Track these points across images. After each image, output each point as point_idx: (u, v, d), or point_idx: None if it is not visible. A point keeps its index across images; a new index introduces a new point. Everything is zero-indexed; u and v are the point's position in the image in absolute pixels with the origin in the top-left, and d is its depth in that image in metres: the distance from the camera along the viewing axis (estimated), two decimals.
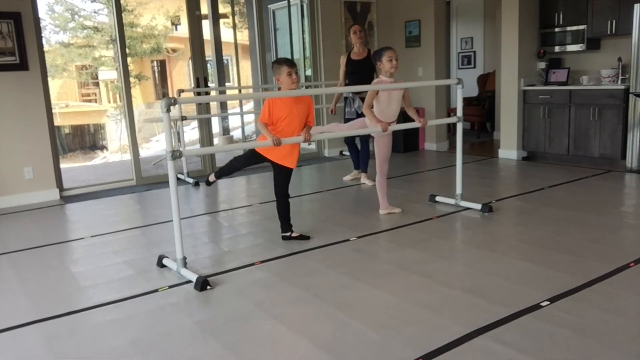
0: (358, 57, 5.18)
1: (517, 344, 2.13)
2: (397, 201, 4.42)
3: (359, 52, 5.18)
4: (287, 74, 3.37)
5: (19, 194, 5.19)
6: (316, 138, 3.92)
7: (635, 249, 3.16)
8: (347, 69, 5.19)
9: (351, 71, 5.17)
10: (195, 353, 2.21)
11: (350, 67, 5.18)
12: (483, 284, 2.76)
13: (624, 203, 4.37)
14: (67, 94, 13.89)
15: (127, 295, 2.85)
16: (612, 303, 2.47)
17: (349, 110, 5.11)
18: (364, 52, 5.19)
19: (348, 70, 5.19)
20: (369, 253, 3.35)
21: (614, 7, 5.54)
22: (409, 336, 2.25)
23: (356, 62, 5.16)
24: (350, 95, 5.06)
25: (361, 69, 5.10)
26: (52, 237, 4.05)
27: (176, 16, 13.31)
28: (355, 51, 5.21)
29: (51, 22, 12.16)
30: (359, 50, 5.18)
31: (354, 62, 5.17)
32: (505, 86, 6.36)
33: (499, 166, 6.07)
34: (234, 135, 9.63)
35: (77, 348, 2.31)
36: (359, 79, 5.01)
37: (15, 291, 2.99)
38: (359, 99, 4.96)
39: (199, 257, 3.42)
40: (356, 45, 5.17)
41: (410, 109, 4.12)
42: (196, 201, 5.10)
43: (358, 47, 5.17)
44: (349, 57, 5.22)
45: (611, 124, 5.53)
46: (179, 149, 2.90)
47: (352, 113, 5.04)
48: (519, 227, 3.79)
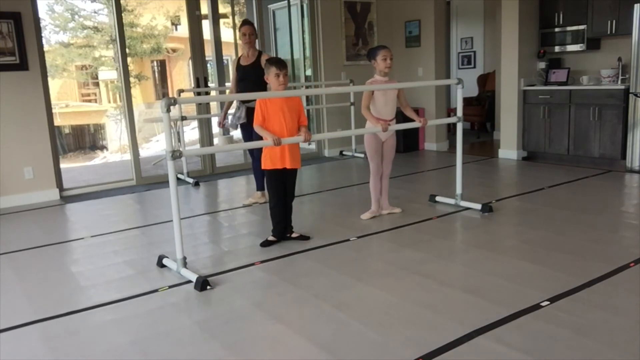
0: (246, 62, 4.51)
1: (517, 344, 2.13)
2: (397, 201, 4.42)
3: (248, 57, 4.52)
4: (274, 75, 3.40)
5: (19, 194, 5.19)
6: (316, 138, 3.92)
7: (635, 249, 3.16)
8: (237, 75, 4.58)
9: (240, 78, 4.55)
10: (195, 353, 2.21)
11: (239, 73, 4.55)
12: (483, 284, 2.76)
13: (624, 203, 4.37)
14: (67, 94, 13.89)
15: (127, 295, 2.85)
16: (612, 303, 2.47)
17: (227, 122, 4.61)
18: (254, 56, 4.51)
19: (237, 77, 4.58)
20: (369, 253, 3.35)
21: (614, 7, 5.54)
22: (409, 336, 2.25)
23: (244, 68, 4.50)
24: (237, 104, 4.54)
25: (249, 76, 4.46)
26: (52, 237, 4.04)
27: (176, 16, 13.31)
28: (244, 55, 4.55)
29: (51, 22, 12.16)
30: (247, 54, 4.52)
31: (242, 68, 4.52)
32: (505, 86, 6.36)
33: (499, 166, 6.07)
34: (234, 135, 9.62)
35: (77, 348, 2.31)
36: (246, 87, 4.40)
37: (15, 291, 2.99)
38: (244, 108, 4.45)
39: (199, 257, 3.42)
40: (244, 49, 4.54)
41: (407, 109, 4.09)
42: (196, 201, 5.10)
43: (247, 51, 4.51)
44: (238, 62, 4.59)
45: (611, 124, 5.53)
46: (179, 149, 2.90)
47: (233, 125, 4.58)
48: (519, 227, 3.79)
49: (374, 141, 4.01)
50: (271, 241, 3.59)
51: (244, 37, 4.47)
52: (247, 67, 4.48)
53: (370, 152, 4.04)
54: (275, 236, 3.60)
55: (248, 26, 4.49)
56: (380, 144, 4.04)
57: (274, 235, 3.60)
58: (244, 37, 4.47)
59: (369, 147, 4.03)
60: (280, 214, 3.58)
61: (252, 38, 4.47)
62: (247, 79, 4.46)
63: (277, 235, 3.60)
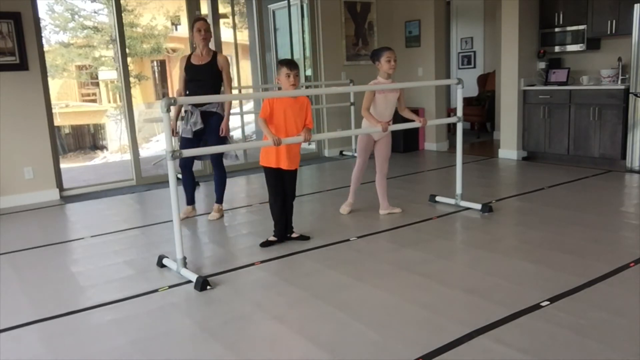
0: (200, 61, 4.11)
1: (517, 344, 2.13)
2: (397, 201, 4.42)
3: (202, 56, 4.11)
4: (285, 76, 3.39)
5: (19, 194, 5.19)
6: (316, 138, 3.92)
7: (635, 249, 3.16)
8: (186, 76, 4.14)
9: (190, 78, 4.11)
10: (195, 353, 2.21)
11: (189, 73, 4.12)
12: (483, 284, 2.76)
13: (624, 203, 4.37)
14: (67, 94, 13.89)
15: (127, 295, 2.85)
16: (612, 303, 2.47)
17: (184, 128, 4.13)
18: (209, 56, 4.12)
19: (187, 77, 4.14)
20: (369, 253, 3.35)
21: (614, 7, 5.54)
22: (409, 336, 2.25)
23: (197, 67, 4.10)
24: (190, 108, 4.08)
25: (204, 76, 4.08)
26: (52, 237, 4.04)
27: (176, 16, 13.30)
28: (196, 53, 4.13)
29: (51, 22, 12.15)
30: (201, 52, 4.11)
31: (194, 68, 4.10)
32: (505, 86, 6.36)
33: (499, 166, 6.07)
34: (234, 135, 9.62)
35: (77, 348, 2.31)
36: (199, 89, 4.01)
37: (15, 291, 2.99)
38: (198, 112, 4.06)
39: (199, 257, 3.42)
40: (199, 47, 4.11)
41: (405, 111, 4.10)
42: (196, 201, 5.10)
43: (201, 49, 4.10)
44: (188, 61, 4.14)
45: (611, 124, 5.53)
46: (178, 149, 2.90)
47: (188, 131, 4.09)
48: (519, 227, 3.79)
49: (365, 138, 4.09)
50: (271, 241, 3.58)
51: (200, 33, 4.05)
52: (202, 67, 4.09)
53: (359, 147, 4.15)
54: (276, 236, 3.60)
55: (204, 22, 4.12)
56: (372, 143, 4.10)
57: (274, 236, 3.60)
58: (200, 33, 4.05)
59: (359, 142, 4.14)
60: (279, 211, 3.57)
61: (207, 35, 4.11)
62: (201, 79, 4.07)
63: (278, 235, 3.60)
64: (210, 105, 4.06)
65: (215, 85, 4.11)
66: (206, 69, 4.09)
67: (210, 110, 4.08)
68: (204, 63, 4.10)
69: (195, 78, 4.10)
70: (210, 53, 4.15)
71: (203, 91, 3.96)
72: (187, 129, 4.10)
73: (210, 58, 4.11)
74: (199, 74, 4.09)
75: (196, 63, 4.11)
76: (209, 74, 4.09)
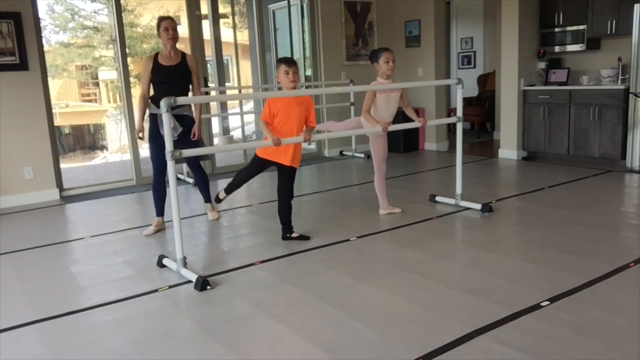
0: (169, 62, 3.89)
1: (517, 344, 2.13)
2: (397, 201, 4.42)
3: (170, 56, 3.90)
4: (284, 73, 3.40)
5: (19, 194, 5.19)
6: (316, 138, 3.92)
7: (635, 249, 3.16)
8: (153, 78, 3.89)
9: (159, 80, 3.87)
10: (195, 353, 2.21)
11: (157, 75, 3.87)
12: (483, 284, 2.76)
13: (624, 203, 4.37)
14: (67, 94, 13.89)
15: (127, 295, 2.85)
16: (612, 303, 2.47)
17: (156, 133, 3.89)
18: (177, 56, 3.93)
19: (154, 79, 3.88)
20: (369, 253, 3.35)
21: (614, 7, 5.54)
22: (409, 336, 2.25)
23: (167, 69, 3.87)
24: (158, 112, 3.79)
25: (175, 78, 3.88)
26: (52, 237, 4.05)
27: (176, 16, 13.28)
28: (164, 54, 3.90)
29: (51, 22, 12.15)
30: (169, 53, 3.89)
31: (164, 69, 3.87)
32: (505, 86, 6.36)
33: (499, 166, 6.07)
34: (234, 135, 9.62)
35: (77, 348, 2.31)
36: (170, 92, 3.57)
37: (15, 291, 2.99)
38: (172, 118, 3.77)
39: (199, 257, 3.42)
40: (166, 47, 3.88)
41: (408, 109, 4.12)
42: (196, 201, 5.10)
43: (169, 50, 3.89)
44: (155, 62, 3.89)
45: (611, 124, 5.53)
46: (178, 149, 2.90)
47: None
48: (519, 227, 3.79)
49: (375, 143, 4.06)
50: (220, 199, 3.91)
51: (167, 33, 3.83)
52: (173, 68, 3.88)
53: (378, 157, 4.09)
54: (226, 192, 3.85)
55: (171, 21, 3.90)
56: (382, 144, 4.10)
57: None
58: (167, 33, 3.83)
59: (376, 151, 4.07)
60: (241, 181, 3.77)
61: (175, 34, 3.89)
62: (172, 81, 3.86)
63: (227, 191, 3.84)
64: (182, 109, 3.91)
65: (186, 87, 3.97)
66: (177, 70, 3.90)
67: (182, 114, 3.95)
68: (174, 64, 3.91)
69: (165, 80, 3.87)
70: (178, 53, 3.96)
71: (174, 93, 3.71)
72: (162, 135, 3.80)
73: (179, 59, 3.94)
74: (170, 76, 3.87)
75: (166, 64, 3.89)
76: (181, 75, 3.92)
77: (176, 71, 3.90)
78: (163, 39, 3.88)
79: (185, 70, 3.94)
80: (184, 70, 3.93)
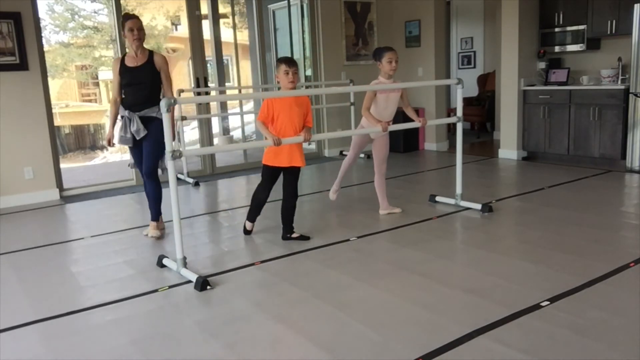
0: (135, 63, 3.71)
1: (517, 344, 2.13)
2: (397, 201, 4.42)
3: (137, 57, 3.71)
4: (283, 73, 3.40)
5: (19, 194, 5.19)
6: (316, 138, 3.93)
7: (635, 249, 3.16)
8: (121, 80, 3.74)
9: (127, 82, 3.71)
10: (195, 353, 2.21)
11: (125, 76, 3.71)
12: (483, 284, 2.76)
13: (624, 203, 4.37)
14: (67, 94, 13.89)
15: (127, 295, 2.85)
16: (612, 303, 2.47)
17: (123, 136, 3.73)
18: (144, 56, 3.73)
19: (122, 82, 3.74)
20: (369, 253, 3.35)
21: (614, 7, 5.54)
22: (409, 336, 2.25)
23: (134, 70, 3.69)
24: (127, 114, 3.69)
25: (142, 79, 3.69)
26: (52, 237, 4.05)
27: (176, 16, 13.30)
28: (130, 55, 3.73)
29: (51, 22, 12.15)
30: (136, 53, 3.70)
31: (130, 71, 3.69)
32: (505, 86, 6.36)
33: (499, 166, 6.07)
34: (234, 135, 9.63)
35: (77, 348, 2.31)
36: (139, 93, 3.69)
37: (15, 291, 2.99)
38: (137, 118, 3.67)
39: (199, 257, 3.42)
40: (132, 47, 3.69)
41: (408, 109, 4.12)
42: (196, 201, 5.10)
43: (135, 50, 3.69)
44: (122, 64, 3.73)
45: (611, 124, 5.53)
46: (179, 149, 2.90)
47: (128, 140, 3.72)
48: (519, 227, 3.79)
49: (361, 136, 4.16)
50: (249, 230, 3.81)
51: (132, 33, 3.64)
52: (139, 69, 3.70)
53: (353, 141, 4.25)
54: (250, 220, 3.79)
55: (136, 20, 3.70)
56: (366, 140, 4.16)
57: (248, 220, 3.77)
58: (132, 33, 3.64)
59: (354, 137, 4.25)
60: (261, 202, 3.71)
61: (141, 34, 3.69)
62: (139, 82, 3.69)
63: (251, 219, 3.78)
64: (149, 110, 3.69)
65: (156, 88, 3.76)
66: (144, 71, 3.70)
67: (150, 115, 3.70)
68: (140, 64, 3.70)
69: (133, 82, 3.69)
70: (145, 53, 3.74)
71: (143, 95, 3.67)
72: (127, 138, 3.72)
73: (146, 59, 3.73)
74: (137, 77, 3.69)
75: (132, 65, 3.70)
76: (148, 76, 3.70)
77: (143, 72, 3.69)
78: (128, 40, 3.68)
79: (153, 70, 3.71)
80: (150, 71, 3.71)
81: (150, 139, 3.73)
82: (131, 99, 3.72)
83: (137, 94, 3.71)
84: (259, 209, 3.75)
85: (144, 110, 3.70)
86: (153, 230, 3.89)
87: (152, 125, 3.72)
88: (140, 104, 3.70)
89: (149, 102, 3.71)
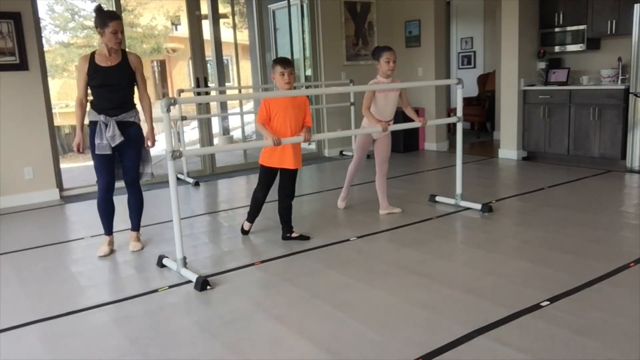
0: (109, 62, 3.38)
1: (517, 344, 2.13)
2: (397, 201, 4.42)
3: (109, 56, 3.39)
4: (279, 74, 3.42)
5: (19, 194, 5.19)
6: (316, 138, 3.93)
7: (635, 249, 3.16)
8: (90, 81, 3.37)
9: (98, 83, 3.36)
10: (195, 353, 2.21)
11: (97, 77, 3.36)
12: (483, 284, 2.76)
13: (624, 203, 4.37)
14: (67, 94, 13.88)
15: (127, 295, 2.85)
16: (612, 303, 2.47)
17: (99, 143, 3.37)
18: (118, 55, 3.42)
19: (92, 82, 3.37)
20: (369, 253, 3.35)
21: (614, 7, 5.54)
22: (409, 336, 2.25)
23: (107, 70, 3.37)
24: (102, 118, 3.36)
25: (117, 80, 3.38)
26: (52, 237, 4.04)
27: (176, 16, 13.30)
28: (102, 53, 3.38)
29: (51, 22, 12.15)
30: (109, 53, 3.38)
31: (103, 71, 3.36)
32: (505, 86, 6.36)
33: (499, 166, 6.07)
34: (234, 135, 9.63)
35: (77, 348, 2.31)
36: (113, 95, 3.38)
37: (15, 291, 2.99)
38: (114, 123, 3.36)
39: (199, 257, 3.42)
40: (107, 45, 3.34)
41: (408, 109, 4.13)
42: (196, 201, 5.10)
43: (110, 49, 3.36)
44: (92, 63, 3.37)
45: (611, 124, 5.53)
46: (179, 149, 2.90)
47: (105, 147, 3.37)
48: (519, 227, 3.79)
49: (364, 136, 4.14)
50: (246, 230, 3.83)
51: (116, 36, 3.32)
52: (114, 69, 3.39)
53: (357, 144, 4.23)
54: (249, 220, 3.81)
55: (121, 22, 3.37)
56: (369, 141, 4.14)
57: (247, 220, 3.80)
58: (116, 36, 3.32)
59: (357, 139, 4.23)
60: (259, 202, 3.72)
61: (122, 36, 3.42)
62: (114, 83, 3.38)
63: (249, 219, 3.80)
64: (127, 114, 3.43)
65: (131, 90, 3.50)
66: (119, 72, 3.40)
67: (128, 120, 3.45)
68: (115, 64, 3.39)
69: (106, 83, 3.37)
70: (119, 52, 3.44)
71: (118, 97, 3.39)
72: (103, 145, 3.37)
73: (120, 58, 3.42)
74: (111, 78, 3.38)
75: (105, 65, 3.37)
76: (124, 77, 3.42)
77: (116, 72, 3.39)
78: (108, 41, 3.31)
79: (128, 70, 3.44)
80: (125, 71, 3.43)
81: (130, 146, 3.48)
82: (105, 102, 3.38)
83: (111, 96, 3.39)
84: (257, 209, 3.76)
85: (122, 114, 3.41)
86: (135, 244, 3.65)
87: (130, 130, 3.47)
88: (116, 107, 3.38)
89: (126, 105, 3.44)
